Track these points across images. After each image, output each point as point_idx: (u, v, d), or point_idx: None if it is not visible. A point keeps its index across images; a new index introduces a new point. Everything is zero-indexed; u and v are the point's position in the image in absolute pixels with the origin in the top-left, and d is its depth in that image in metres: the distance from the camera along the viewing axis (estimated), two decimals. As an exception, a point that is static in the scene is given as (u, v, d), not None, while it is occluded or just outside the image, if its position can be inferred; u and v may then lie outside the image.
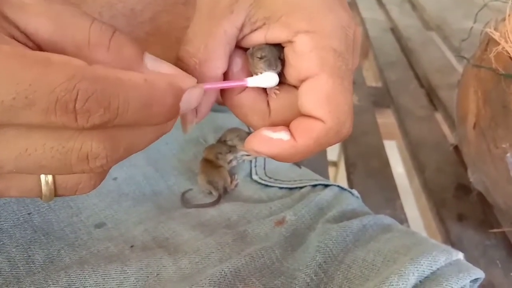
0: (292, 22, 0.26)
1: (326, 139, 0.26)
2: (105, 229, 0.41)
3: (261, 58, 0.27)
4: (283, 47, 0.28)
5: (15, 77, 0.18)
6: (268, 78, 0.28)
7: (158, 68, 0.22)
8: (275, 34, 0.27)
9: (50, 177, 0.23)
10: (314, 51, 0.26)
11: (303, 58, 0.26)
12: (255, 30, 0.27)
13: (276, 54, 0.28)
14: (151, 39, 0.49)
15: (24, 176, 0.23)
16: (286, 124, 0.28)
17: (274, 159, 0.27)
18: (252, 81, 0.28)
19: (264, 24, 0.27)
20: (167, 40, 0.51)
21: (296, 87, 0.29)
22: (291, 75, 0.28)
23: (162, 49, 0.52)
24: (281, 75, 0.29)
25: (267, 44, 0.28)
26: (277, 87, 0.29)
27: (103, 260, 0.37)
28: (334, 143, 0.27)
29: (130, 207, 0.44)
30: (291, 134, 0.26)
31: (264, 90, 0.29)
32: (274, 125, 0.29)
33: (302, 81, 0.27)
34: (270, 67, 0.27)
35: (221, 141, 0.51)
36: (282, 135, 0.26)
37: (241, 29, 0.27)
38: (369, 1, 1.21)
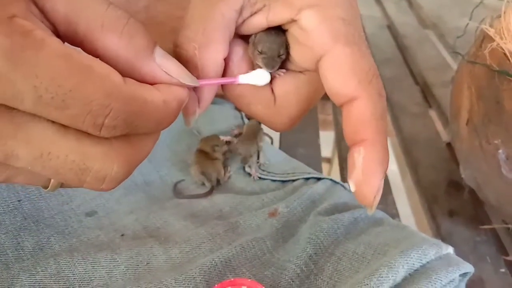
0: None
1: (378, 108, 0.25)
2: (96, 217, 0.41)
3: (261, 53, 0.27)
4: (285, 31, 0.27)
5: (58, 79, 0.18)
6: (260, 76, 0.27)
7: (165, 65, 0.22)
8: (277, 15, 0.26)
9: None
10: (323, 23, 0.25)
11: (313, 33, 0.25)
12: (255, 13, 0.27)
13: (277, 50, 0.27)
14: (146, 28, 0.49)
15: None
16: (292, 111, 0.28)
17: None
18: (244, 79, 0.27)
19: (264, 6, 0.26)
20: (162, 30, 0.50)
21: (301, 72, 0.28)
22: (303, 56, 0.27)
23: (156, 39, 0.52)
24: (285, 60, 0.28)
25: (270, 30, 0.27)
26: (283, 70, 0.28)
27: (93, 248, 0.36)
28: (385, 106, 0.25)
29: (122, 197, 0.43)
30: (359, 140, 0.25)
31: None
32: (279, 113, 0.28)
33: (317, 61, 0.26)
34: (267, 67, 0.27)
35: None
36: (360, 162, 0.24)
37: (240, 12, 0.26)
38: (366, -2, 1.21)
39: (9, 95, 0.18)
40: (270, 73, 0.28)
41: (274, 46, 0.27)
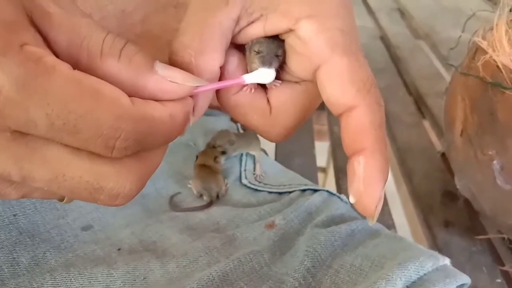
0: (292, 9, 0.26)
1: (377, 117, 0.25)
2: (92, 231, 0.40)
3: (257, 52, 0.27)
4: (282, 40, 0.27)
5: (69, 106, 0.19)
6: (264, 74, 0.27)
7: (168, 75, 0.22)
8: (275, 25, 0.26)
9: None
10: (321, 33, 0.25)
11: (311, 43, 0.25)
12: (252, 22, 0.27)
13: (274, 50, 0.27)
14: (142, 41, 0.49)
15: None
16: (288, 121, 0.28)
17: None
18: (249, 78, 0.27)
19: (261, 15, 0.26)
20: (158, 43, 0.51)
21: (298, 82, 0.28)
22: (301, 65, 0.27)
23: (153, 51, 0.52)
24: (280, 71, 0.28)
25: (266, 37, 0.27)
26: (279, 81, 0.28)
27: (90, 263, 0.36)
28: (383, 116, 0.25)
29: (117, 210, 0.43)
30: (358, 150, 0.24)
31: (263, 87, 0.28)
32: (275, 123, 0.28)
33: (315, 70, 0.26)
34: (263, 64, 0.27)
35: (211, 147, 0.50)
36: (360, 171, 0.24)
37: (237, 22, 0.26)
38: (359, 9, 1.22)
39: (23, 122, 0.19)
40: (266, 82, 0.28)
41: (272, 45, 0.27)
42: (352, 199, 0.25)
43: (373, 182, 0.24)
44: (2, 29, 0.19)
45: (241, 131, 0.57)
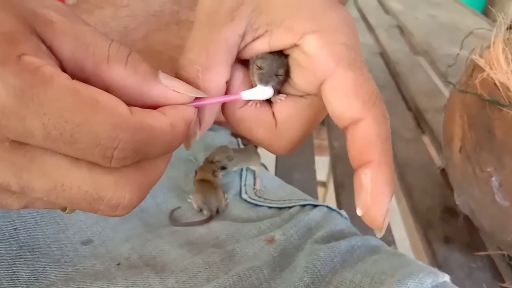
0: (296, 24, 0.26)
1: (383, 129, 0.25)
2: (92, 246, 0.40)
3: (259, 68, 0.27)
4: (286, 56, 0.28)
5: (65, 115, 0.19)
6: (261, 91, 0.27)
7: (171, 84, 0.23)
8: (280, 40, 0.27)
9: None
10: (325, 48, 0.26)
11: (316, 57, 0.26)
12: (258, 38, 0.27)
13: (275, 68, 0.27)
14: (144, 57, 0.49)
15: None
16: (294, 135, 0.28)
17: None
18: (247, 95, 0.27)
19: (266, 31, 0.27)
20: (160, 59, 0.51)
21: (303, 96, 0.29)
22: (306, 79, 0.27)
23: (154, 67, 0.52)
24: (286, 85, 0.28)
25: (271, 53, 0.27)
26: (283, 95, 0.28)
27: (89, 278, 0.36)
28: (389, 129, 0.25)
29: (117, 224, 0.43)
30: (365, 162, 0.24)
31: (269, 101, 0.29)
32: (280, 137, 0.28)
33: (320, 84, 0.26)
34: (261, 81, 0.27)
35: (209, 162, 0.50)
36: (367, 183, 0.24)
37: (243, 37, 0.27)
38: (359, 26, 1.24)
39: (20, 132, 0.19)
40: (277, 90, 0.28)
41: (274, 63, 0.27)
42: (359, 212, 0.25)
43: (380, 194, 0.24)
44: (1, 40, 0.19)
45: (242, 146, 0.57)
